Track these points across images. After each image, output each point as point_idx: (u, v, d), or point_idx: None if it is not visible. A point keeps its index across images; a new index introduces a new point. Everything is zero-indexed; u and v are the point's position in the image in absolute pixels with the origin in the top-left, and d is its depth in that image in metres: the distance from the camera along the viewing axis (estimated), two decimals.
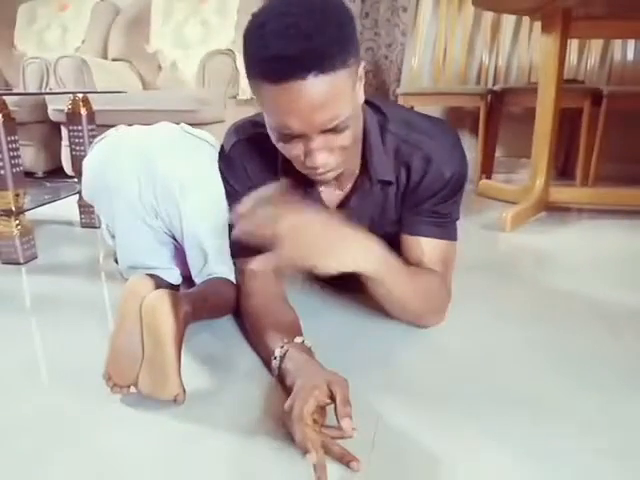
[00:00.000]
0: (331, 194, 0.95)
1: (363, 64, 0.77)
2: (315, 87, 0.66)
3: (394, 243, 0.97)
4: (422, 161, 0.87)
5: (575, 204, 2.06)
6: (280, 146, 0.78)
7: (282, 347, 0.79)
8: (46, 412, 0.75)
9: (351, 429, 0.60)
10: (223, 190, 0.99)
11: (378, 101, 0.91)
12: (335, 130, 0.73)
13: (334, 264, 0.70)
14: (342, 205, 0.95)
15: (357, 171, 0.92)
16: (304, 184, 0.92)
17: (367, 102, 0.87)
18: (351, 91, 0.73)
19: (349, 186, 0.93)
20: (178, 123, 1.08)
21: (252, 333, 0.92)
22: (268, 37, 0.66)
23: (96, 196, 1.08)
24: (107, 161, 1.02)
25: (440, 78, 2.77)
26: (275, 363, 0.79)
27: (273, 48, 0.65)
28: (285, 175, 0.91)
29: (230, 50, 2.23)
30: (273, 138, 0.78)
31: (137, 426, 0.72)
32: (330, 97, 0.68)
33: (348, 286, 1.19)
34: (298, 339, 0.81)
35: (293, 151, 0.77)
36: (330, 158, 0.77)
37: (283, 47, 0.65)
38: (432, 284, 0.90)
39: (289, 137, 0.74)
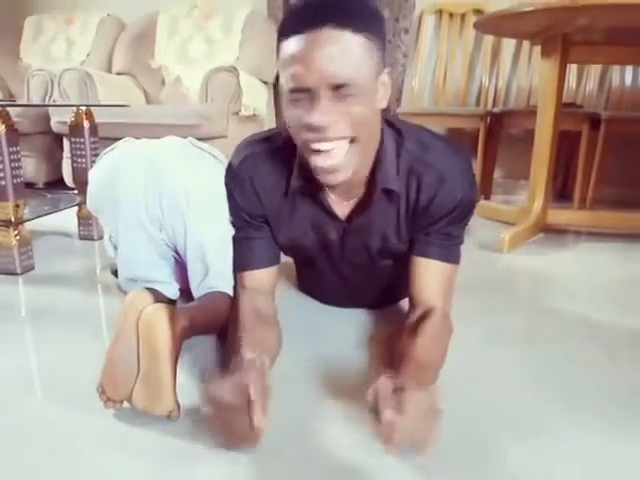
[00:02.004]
0: (341, 205, 0.94)
1: (387, 70, 0.80)
2: (329, 38, 0.70)
3: (402, 260, 0.97)
4: (434, 180, 0.88)
5: (573, 226, 2.07)
6: (288, 113, 0.79)
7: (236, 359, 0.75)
8: (38, 426, 0.74)
9: None
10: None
11: (395, 120, 0.92)
12: (343, 93, 0.73)
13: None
14: (351, 216, 0.95)
15: (365, 182, 0.91)
16: (316, 196, 0.92)
17: (384, 120, 0.88)
18: (366, 64, 0.74)
19: (358, 197, 0.93)
20: (185, 137, 1.09)
21: (228, 343, 0.90)
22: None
23: (102, 207, 1.08)
24: (114, 172, 1.02)
25: (440, 99, 2.80)
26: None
27: (298, 2, 0.74)
28: (297, 186, 0.91)
29: (234, 67, 2.26)
30: (285, 105, 0.79)
31: (130, 442, 0.71)
32: (342, 52, 0.71)
33: (349, 304, 1.19)
34: (250, 355, 0.76)
35: (298, 114, 0.76)
36: (336, 123, 0.75)
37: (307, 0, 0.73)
38: (441, 336, 0.87)
39: (298, 98, 0.75)
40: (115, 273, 1.22)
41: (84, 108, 1.73)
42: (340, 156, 0.79)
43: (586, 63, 2.58)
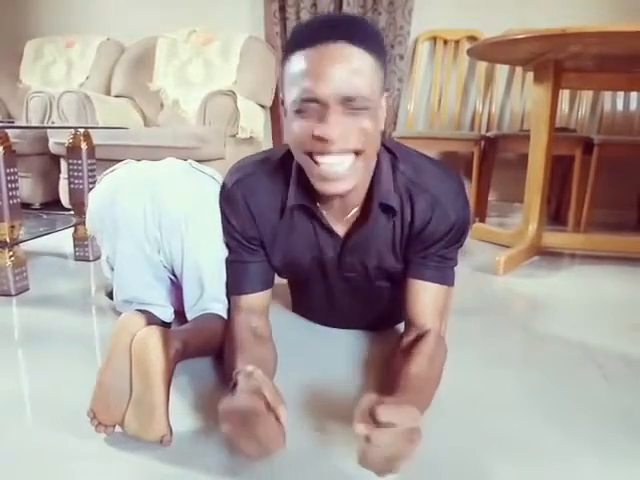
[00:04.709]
0: (338, 223, 0.95)
1: (386, 94, 0.83)
2: (342, 52, 0.73)
3: (397, 282, 0.98)
4: (428, 204, 0.89)
5: (567, 249, 2.08)
6: (294, 124, 0.79)
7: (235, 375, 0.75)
8: (27, 450, 0.73)
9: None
10: None
11: (389, 143, 0.94)
12: (353, 106, 0.75)
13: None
14: (349, 235, 0.95)
15: (362, 199, 0.92)
16: (313, 214, 0.92)
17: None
18: (375, 82, 0.77)
19: (355, 216, 0.94)
20: (185, 159, 1.10)
21: (225, 364, 0.90)
22: (313, 19, 0.82)
23: (101, 227, 1.08)
24: (115, 193, 1.03)
25: (435, 123, 2.84)
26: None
27: (313, 20, 0.81)
28: (294, 205, 0.91)
29: (231, 91, 2.29)
30: (290, 116, 0.79)
31: (121, 468, 0.70)
32: (354, 67, 0.74)
33: (344, 325, 1.19)
34: (249, 368, 0.75)
35: (305, 125, 0.76)
36: (344, 136, 0.76)
37: (322, 18, 0.80)
38: (436, 357, 0.86)
39: (306, 108, 0.75)
40: (110, 295, 1.21)
41: (82, 130, 1.74)
42: (345, 167, 0.80)
43: (578, 89, 2.62)
